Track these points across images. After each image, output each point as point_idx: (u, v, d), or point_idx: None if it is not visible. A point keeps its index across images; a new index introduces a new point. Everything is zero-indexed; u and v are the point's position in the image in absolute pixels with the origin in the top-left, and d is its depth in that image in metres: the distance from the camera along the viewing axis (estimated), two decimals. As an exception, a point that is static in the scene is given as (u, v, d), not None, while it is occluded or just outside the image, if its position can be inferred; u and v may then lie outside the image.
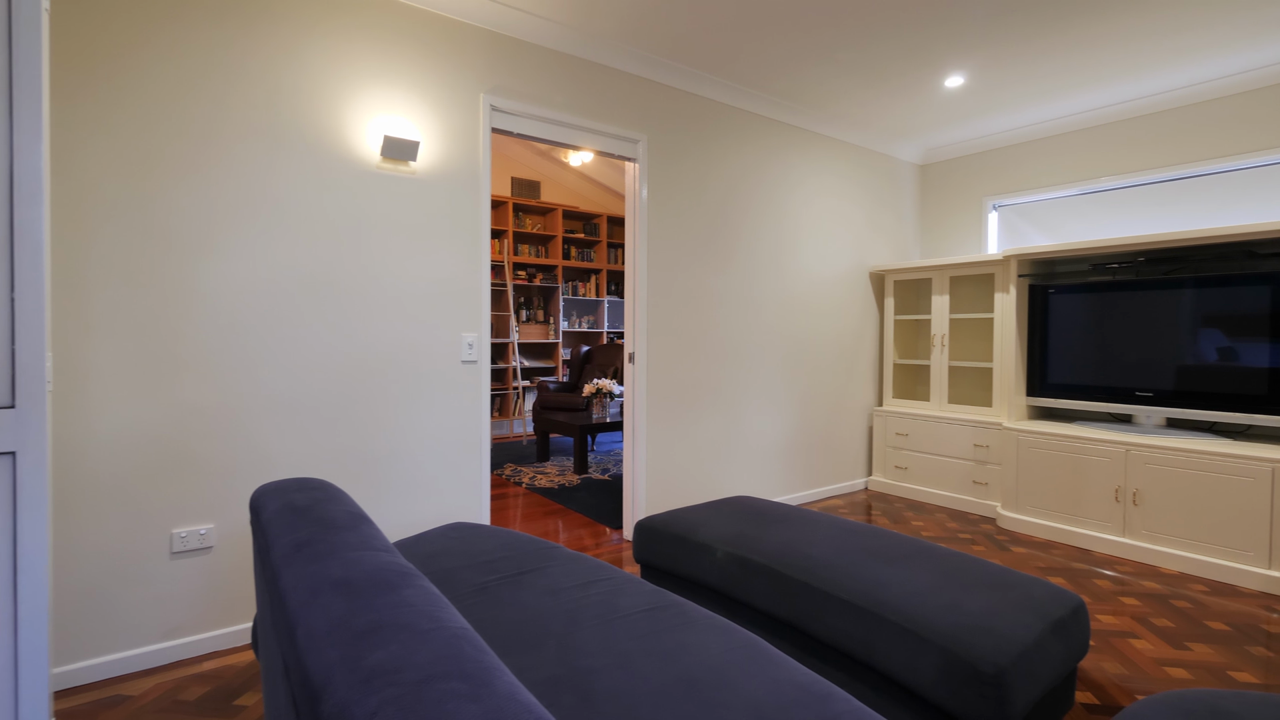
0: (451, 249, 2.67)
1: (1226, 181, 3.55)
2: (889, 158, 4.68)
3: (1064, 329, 3.62)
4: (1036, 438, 3.52)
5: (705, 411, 3.60)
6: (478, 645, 0.75)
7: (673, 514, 2.37)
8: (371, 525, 1.23)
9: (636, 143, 3.27)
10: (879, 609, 1.60)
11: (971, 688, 1.38)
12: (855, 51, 3.17)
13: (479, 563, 1.81)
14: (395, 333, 2.54)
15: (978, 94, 3.72)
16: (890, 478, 4.40)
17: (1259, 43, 3.06)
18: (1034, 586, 1.70)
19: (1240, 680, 2.04)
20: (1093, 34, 2.98)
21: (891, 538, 2.05)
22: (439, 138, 2.63)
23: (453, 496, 2.68)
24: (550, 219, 6.93)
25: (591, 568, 1.78)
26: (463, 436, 2.70)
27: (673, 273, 3.44)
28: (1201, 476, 2.95)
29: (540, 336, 6.86)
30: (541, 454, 5.26)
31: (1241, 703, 1.18)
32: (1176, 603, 2.64)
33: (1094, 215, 4.08)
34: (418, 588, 0.90)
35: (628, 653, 1.33)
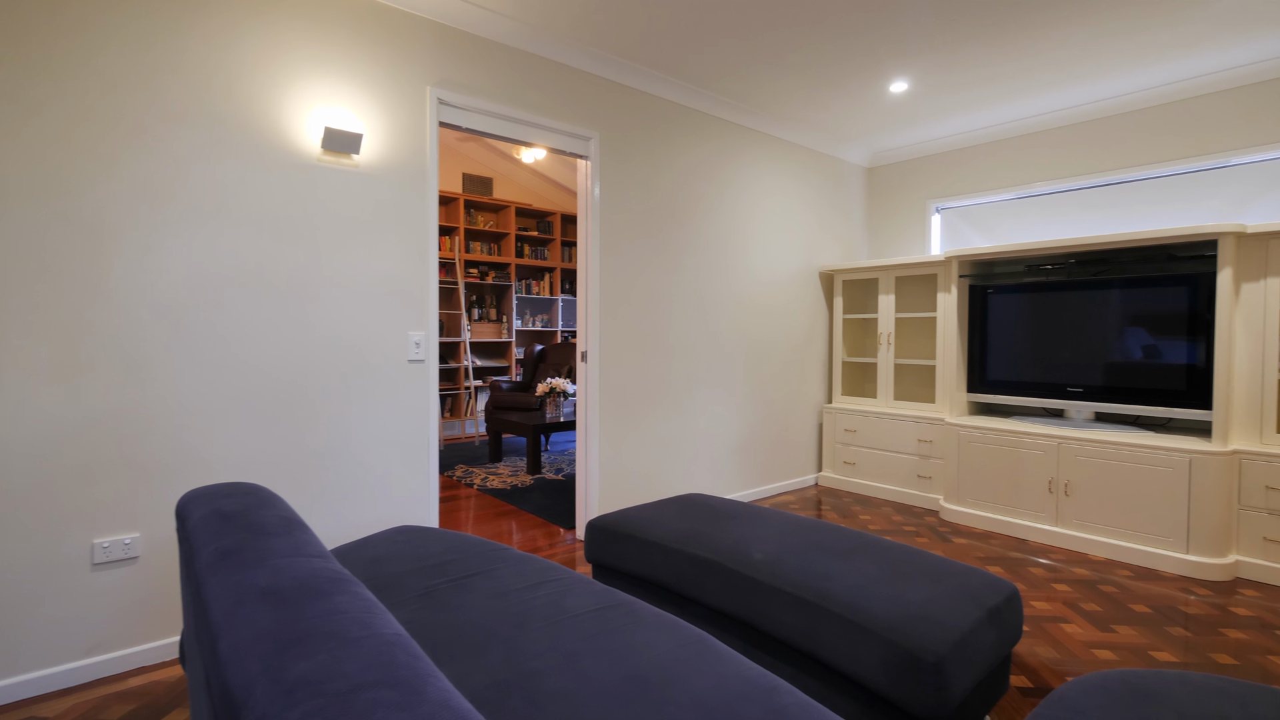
0: (397, 245, 2.59)
1: (1151, 187, 3.76)
2: (837, 160, 4.79)
3: (1002, 328, 3.78)
4: (976, 432, 3.66)
5: (658, 410, 3.61)
6: (412, 652, 0.73)
7: (624, 513, 2.37)
8: (306, 531, 1.18)
9: (588, 140, 3.25)
10: (824, 602, 1.63)
11: (912, 675, 1.41)
12: (804, 54, 3.22)
13: (424, 566, 1.76)
14: (338, 330, 2.45)
15: (921, 100, 3.84)
16: (840, 473, 4.50)
17: (1179, 58, 3.25)
18: (971, 576, 1.76)
19: (1160, 659, 2.17)
20: (1028, 44, 3.11)
21: (838, 532, 2.09)
22: (383, 130, 2.55)
23: (399, 499, 2.60)
24: (503, 216, 6.83)
25: (541, 569, 1.76)
26: (410, 437, 2.63)
27: (625, 271, 3.43)
28: (1126, 468, 3.12)
29: (493, 335, 6.75)
30: (494, 455, 5.18)
31: (1159, 681, 1.24)
32: (1104, 588, 2.78)
33: (1030, 218, 4.27)
34: (352, 594, 0.87)
35: (576, 653, 1.31)
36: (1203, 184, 3.58)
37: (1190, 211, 3.62)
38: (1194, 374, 3.09)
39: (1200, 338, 3.07)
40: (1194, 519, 2.92)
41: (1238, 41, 3.07)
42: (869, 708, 1.56)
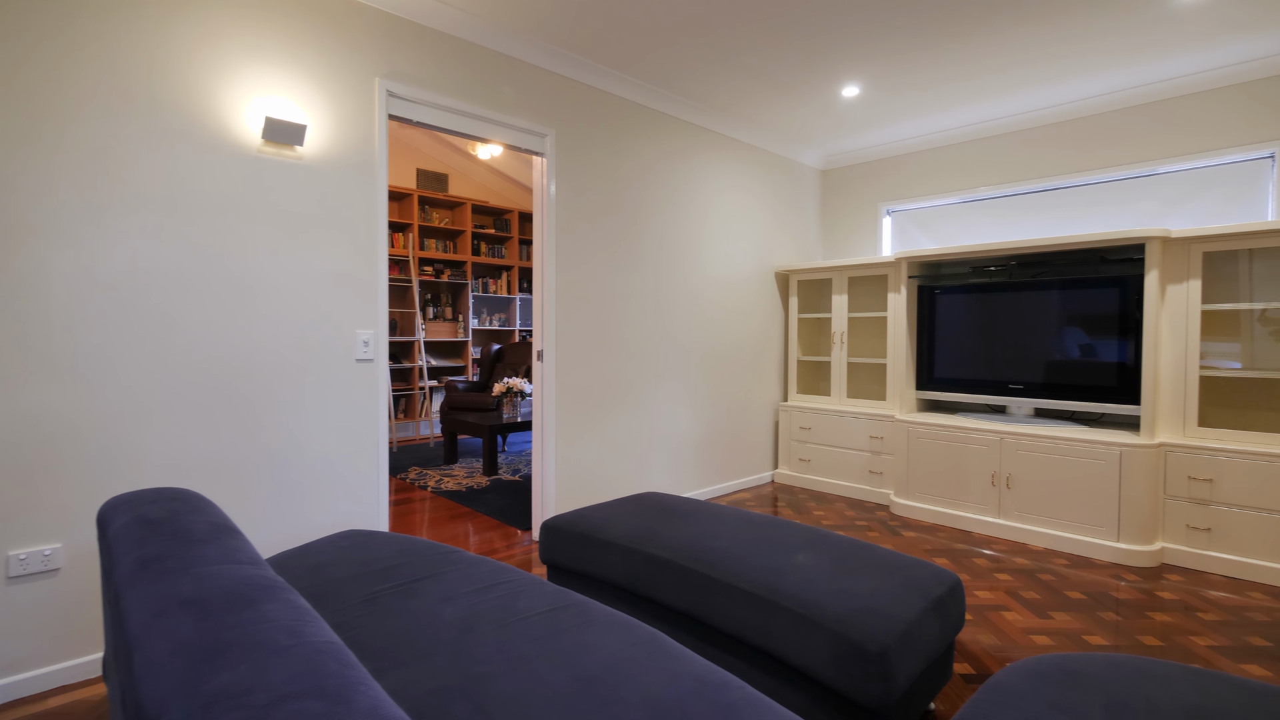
0: (345, 240, 2.51)
1: (1086, 193, 3.94)
2: (793, 162, 4.87)
3: (949, 327, 3.90)
4: (924, 429, 3.77)
5: (616, 409, 3.60)
6: (344, 660, 0.70)
7: (579, 513, 2.35)
8: (238, 537, 1.13)
9: (544, 136, 3.22)
10: (775, 596, 1.65)
11: (858, 666, 1.44)
12: (758, 56, 3.26)
13: (370, 572, 1.71)
14: (282, 329, 2.36)
15: (872, 105, 3.93)
16: (795, 470, 4.58)
17: (1112, 71, 3.42)
18: (917, 568, 1.81)
19: (1093, 643, 2.27)
20: (971, 54, 3.22)
21: (790, 528, 2.12)
22: (329, 122, 2.47)
23: (347, 503, 2.52)
24: (459, 213, 6.71)
25: (492, 571, 1.73)
26: (358, 439, 2.55)
27: (583, 269, 3.41)
28: (1063, 461, 3.26)
29: (449, 335, 6.63)
30: (449, 456, 5.08)
31: (1088, 664, 1.30)
32: (1042, 576, 2.90)
33: (974, 222, 4.42)
34: (282, 601, 0.83)
35: (525, 656, 1.29)
36: (1133, 190, 3.77)
37: (1121, 216, 3.81)
38: (1124, 371, 3.25)
39: (1130, 337, 3.23)
40: (1124, 509, 3.07)
41: (1165, 57, 3.24)
42: (819, 700, 1.59)
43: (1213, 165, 3.51)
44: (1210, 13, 2.80)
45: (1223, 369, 3.12)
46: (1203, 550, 2.97)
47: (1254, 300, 3.13)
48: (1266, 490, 2.82)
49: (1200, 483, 2.97)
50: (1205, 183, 3.54)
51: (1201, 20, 2.87)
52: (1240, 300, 3.17)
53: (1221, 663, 2.13)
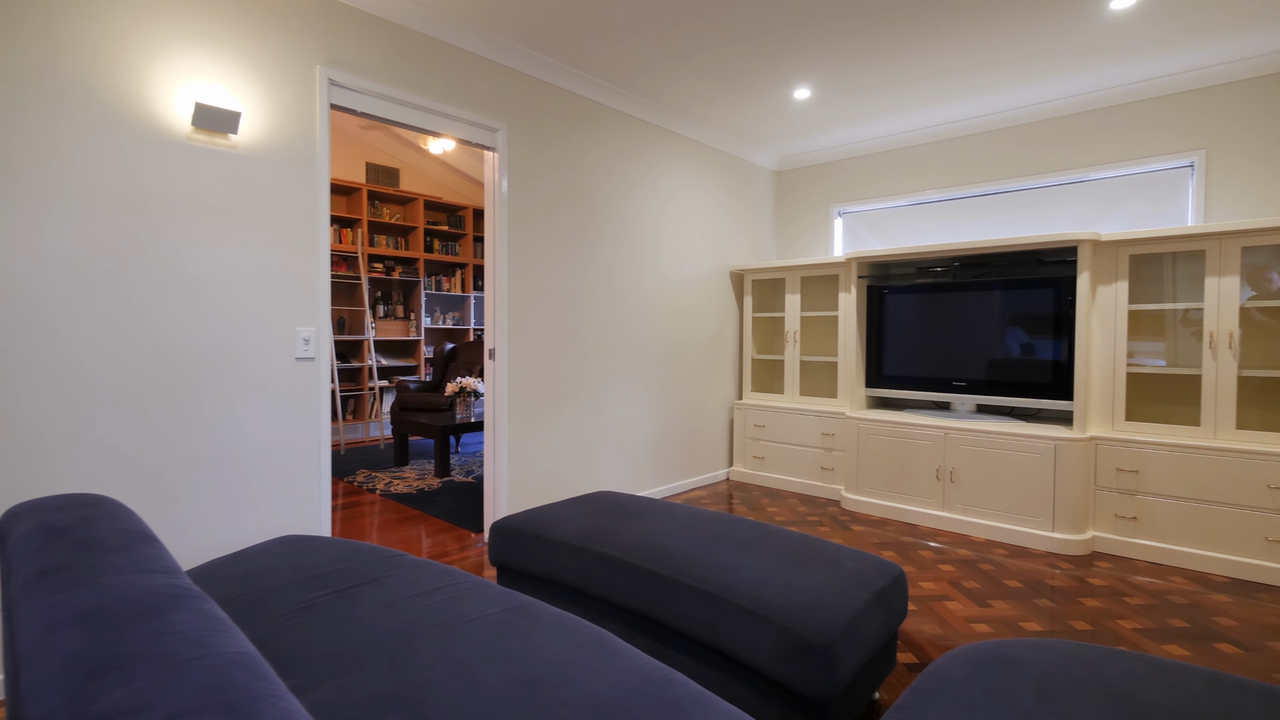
0: (283, 233, 2.41)
1: (1024, 198, 4.11)
2: (747, 163, 4.92)
3: (896, 326, 4.01)
4: (873, 425, 3.86)
5: (571, 408, 3.57)
6: (255, 671, 0.66)
7: (529, 513, 2.31)
8: (153, 545, 1.06)
9: (496, 131, 3.16)
10: (724, 592, 1.65)
11: (804, 659, 1.46)
12: (710, 56, 3.28)
13: (306, 578, 1.64)
14: (215, 325, 2.25)
15: (822, 107, 4.00)
16: (749, 467, 4.63)
17: (1048, 80, 3.56)
18: (862, 561, 1.84)
19: (1028, 629, 2.36)
20: (916, 61, 3.31)
21: (741, 524, 2.13)
22: (266, 109, 2.36)
23: (285, 508, 2.42)
24: (411, 209, 6.55)
25: (436, 574, 1.68)
26: (297, 440, 2.46)
27: (536, 267, 3.37)
28: (1003, 455, 3.38)
29: (400, 333, 6.47)
30: (400, 458, 4.95)
31: (1021, 649, 1.34)
32: (983, 566, 3.00)
33: (921, 224, 4.55)
34: (193, 611, 0.78)
35: (467, 660, 1.26)
36: (1067, 195, 3.95)
37: (1056, 220, 3.97)
38: (1059, 368, 3.40)
39: (1064, 335, 3.38)
40: (1058, 499, 3.21)
41: (1097, 68, 3.39)
42: (767, 695, 1.60)
43: (1139, 173, 3.70)
44: (1139, 27, 2.95)
45: (1148, 366, 3.29)
46: (1130, 538, 3.13)
47: (1177, 301, 3.31)
48: (1186, 480, 2.98)
49: (1127, 474, 3.13)
50: (1133, 189, 3.73)
51: (1131, 34, 3.02)
52: (1164, 301, 3.35)
53: (1146, 644, 2.25)
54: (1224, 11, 2.81)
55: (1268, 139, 3.27)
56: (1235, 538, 2.87)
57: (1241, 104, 3.34)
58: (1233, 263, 2.95)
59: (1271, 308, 3.11)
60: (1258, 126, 3.30)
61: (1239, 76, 3.33)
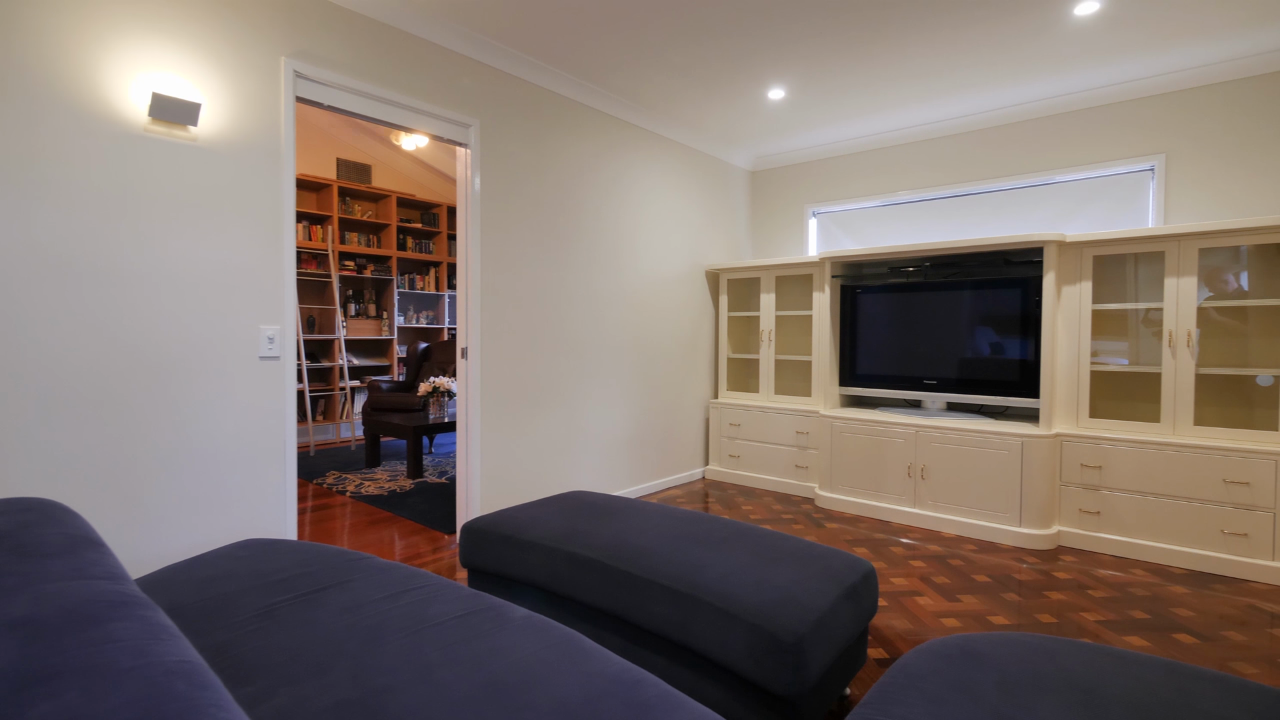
0: (246, 229, 2.35)
1: (993, 199, 4.18)
2: (723, 163, 4.93)
3: (869, 325, 4.05)
4: (846, 423, 3.90)
5: (545, 408, 3.54)
6: (197, 681, 0.63)
7: (501, 514, 2.28)
8: (99, 550, 1.02)
9: (468, 127, 3.12)
10: (695, 591, 1.65)
11: (773, 657, 1.46)
12: (685, 55, 3.28)
13: (268, 583, 1.60)
14: (172, 324, 2.18)
15: (797, 108, 4.03)
16: (725, 466, 4.64)
17: (1015, 85, 3.63)
18: (833, 558, 1.85)
19: (996, 623, 2.40)
20: (890, 63, 3.34)
21: (714, 523, 2.13)
22: (228, 101, 2.30)
23: (248, 511, 2.36)
24: (383, 206, 6.45)
25: (403, 577, 1.65)
26: (261, 441, 2.39)
27: (510, 265, 3.33)
28: (972, 452, 3.44)
29: (372, 333, 6.36)
30: (371, 459, 4.87)
31: (986, 643, 1.36)
32: (953, 561, 3.04)
33: (894, 225, 4.61)
34: (135, 619, 0.75)
35: (431, 664, 1.23)
36: (1034, 197, 4.03)
37: (1023, 221, 4.05)
38: (1025, 367, 3.47)
39: (1030, 334, 3.44)
40: (1025, 495, 3.27)
41: (1062, 74, 3.47)
42: (738, 693, 1.60)
43: (1103, 176, 3.79)
44: (1102, 33, 3.02)
45: (1112, 365, 3.37)
46: (1093, 532, 3.20)
47: (1139, 301, 3.40)
48: (1146, 475, 3.06)
49: (1091, 469, 3.20)
50: (1098, 191, 3.81)
51: (1094, 40, 3.09)
52: (1127, 301, 3.43)
53: (1108, 636, 2.30)
54: (1182, 20, 2.89)
55: (1224, 144, 3.37)
56: (1193, 531, 2.96)
57: (1199, 110, 3.44)
58: (1191, 264, 3.04)
59: (1228, 308, 3.20)
60: (1214, 132, 3.40)
61: (1197, 83, 3.42)
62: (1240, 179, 3.33)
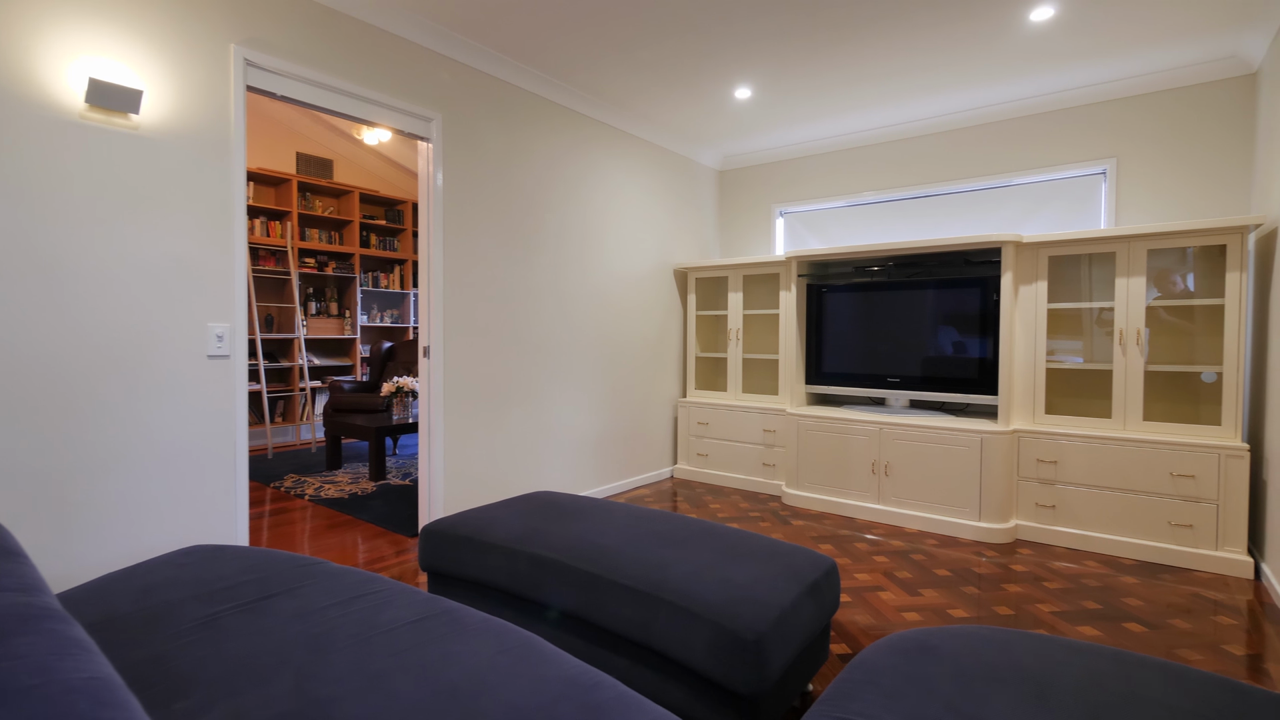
0: (192, 222, 2.26)
1: (954, 201, 4.26)
2: (691, 162, 4.93)
3: (835, 324, 4.09)
4: (812, 421, 3.93)
5: (511, 407, 3.49)
6: (104, 699, 0.59)
7: (462, 515, 2.24)
8: (15, 561, 0.95)
9: (430, 121, 3.05)
10: (657, 590, 1.63)
11: (734, 655, 1.45)
12: (651, 52, 3.26)
13: (212, 591, 1.53)
14: (113, 322, 2.08)
15: (763, 107, 4.05)
16: (693, 465, 4.64)
17: (974, 89, 3.70)
18: (795, 555, 1.85)
19: (955, 616, 2.43)
20: (855, 64, 3.38)
21: (679, 521, 2.12)
22: (173, 89, 2.20)
23: (195, 516, 2.27)
24: (345, 202, 6.29)
25: (356, 582, 1.60)
26: (211, 444, 2.30)
27: (475, 262, 3.27)
28: (933, 448, 3.50)
29: (334, 332, 6.20)
30: (332, 461, 4.74)
31: (941, 637, 1.37)
32: (915, 556, 3.09)
33: (860, 225, 4.66)
34: (44, 634, 0.70)
35: (381, 673, 1.19)
36: (993, 199, 4.12)
37: (985, 223, 4.14)
38: (984, 365, 3.54)
39: (989, 333, 3.52)
40: (984, 490, 3.34)
41: (1020, 78, 3.55)
42: (700, 693, 1.59)
43: (1059, 178, 3.89)
44: (1057, 39, 3.09)
45: (1067, 363, 3.46)
46: (1049, 525, 3.28)
47: (1093, 300, 3.50)
48: (1099, 469, 3.15)
49: (1046, 464, 3.28)
50: (1053, 194, 3.92)
51: (1050, 45, 3.16)
52: (1081, 300, 3.53)
53: (1062, 626, 2.35)
54: (1132, 28, 2.98)
55: (1171, 149, 3.49)
56: (1142, 523, 3.05)
57: (1148, 116, 3.55)
58: (1140, 264, 3.14)
59: (1175, 307, 3.32)
60: (1162, 137, 3.51)
61: (1146, 90, 3.54)
62: (1186, 183, 3.46)
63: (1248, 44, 3.11)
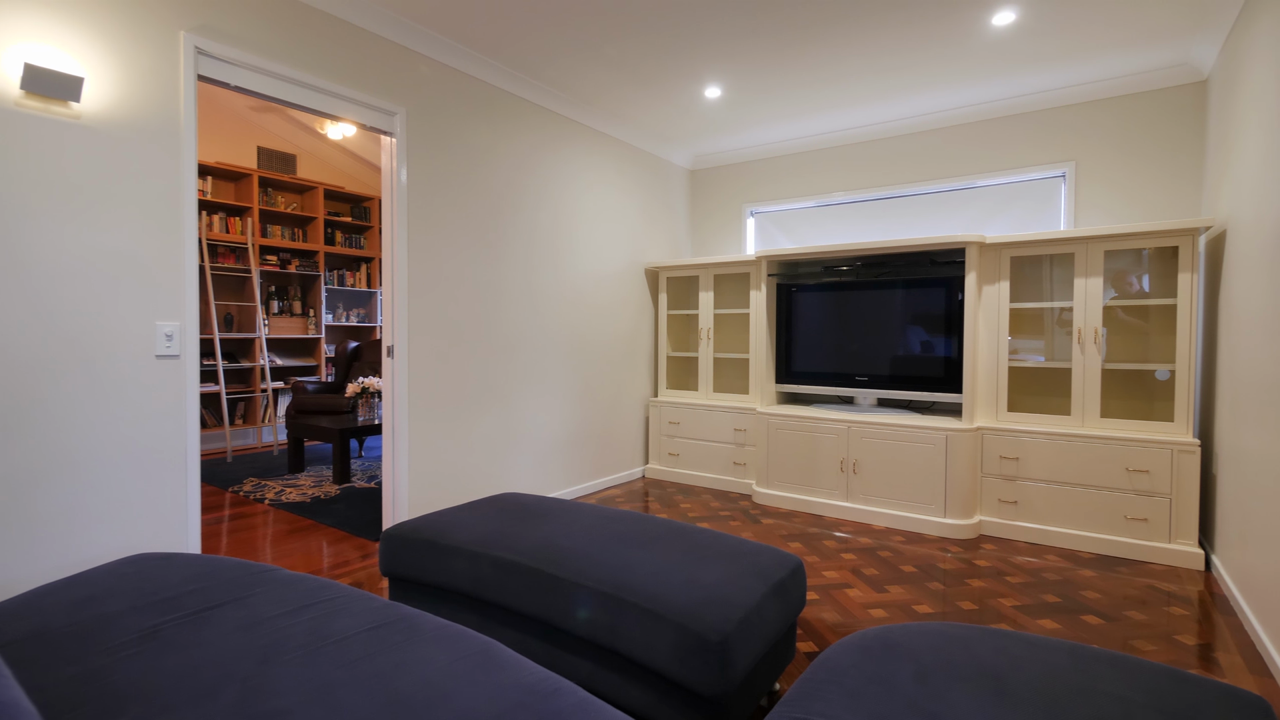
0: (139, 216, 2.16)
1: (921, 202, 4.32)
2: (663, 161, 4.92)
3: (805, 323, 4.12)
4: (782, 420, 3.95)
5: (480, 408, 3.43)
6: (2, 725, 0.54)
7: (425, 518, 2.18)
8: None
9: (393, 115, 2.98)
10: (621, 592, 1.61)
11: (699, 657, 1.43)
12: (619, 49, 3.24)
13: (154, 601, 1.46)
14: (53, 320, 1.98)
15: (734, 107, 4.05)
16: (665, 464, 4.63)
17: (940, 93, 3.76)
18: (762, 554, 1.84)
19: (921, 612, 2.46)
20: (818, 63, 3.40)
21: (647, 522, 2.10)
22: (118, 77, 2.11)
23: (143, 523, 2.17)
24: (309, 198, 6.14)
25: (310, 590, 1.54)
26: (159, 447, 2.21)
27: (441, 260, 3.21)
28: (900, 446, 3.54)
29: (298, 331, 6.04)
30: (295, 464, 4.62)
31: (904, 634, 1.37)
32: (881, 553, 3.12)
33: (830, 225, 4.70)
34: (-57, 654, 0.64)
35: (330, 684, 1.14)
36: (958, 200, 4.19)
37: (949, 224, 4.21)
38: (950, 364, 3.59)
39: (955, 332, 3.57)
40: (950, 487, 3.39)
41: (982, 83, 3.61)
42: (665, 695, 1.57)
43: (1021, 181, 3.97)
44: (1019, 44, 3.15)
45: (1029, 361, 3.53)
46: (1011, 521, 3.35)
47: (1053, 300, 3.57)
48: (1059, 465, 3.22)
49: (1009, 461, 3.35)
50: (1015, 196, 4.00)
51: (1012, 50, 3.22)
52: (1042, 300, 3.60)
53: (1023, 619, 2.39)
54: (1090, 34, 3.05)
55: (1126, 153, 3.59)
56: (1099, 517, 3.13)
57: (1105, 121, 3.65)
58: (1097, 265, 3.21)
59: (1131, 306, 3.41)
60: (1118, 141, 3.61)
61: (1104, 95, 3.63)
62: (1141, 186, 3.55)
63: (1198, 52, 3.21)
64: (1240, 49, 2.66)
